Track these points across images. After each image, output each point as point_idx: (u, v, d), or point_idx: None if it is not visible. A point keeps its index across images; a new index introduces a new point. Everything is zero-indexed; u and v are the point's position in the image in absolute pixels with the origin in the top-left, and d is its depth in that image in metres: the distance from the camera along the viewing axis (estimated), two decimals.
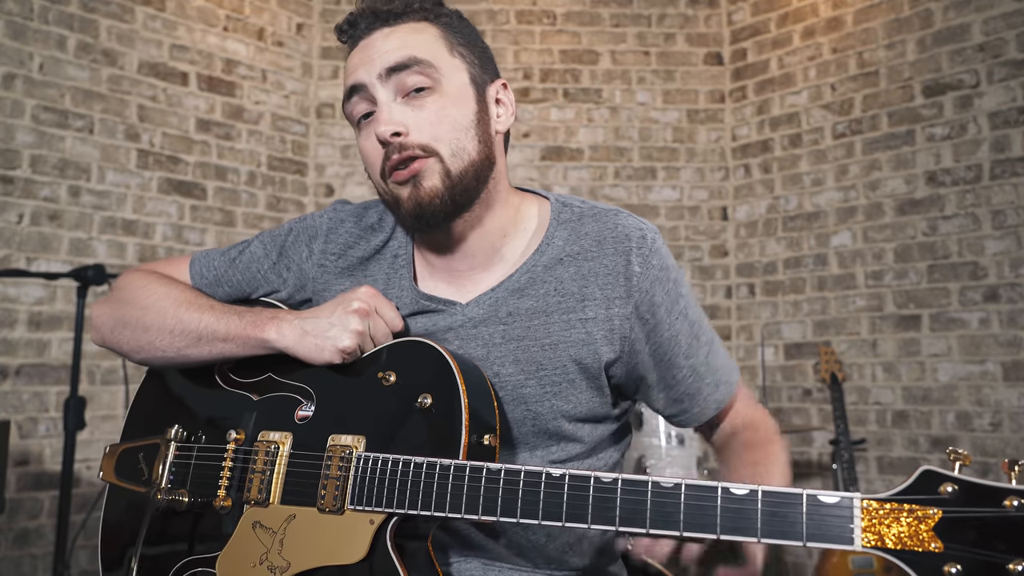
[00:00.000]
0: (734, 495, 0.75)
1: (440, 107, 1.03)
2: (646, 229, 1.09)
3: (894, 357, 3.55)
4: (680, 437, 3.00)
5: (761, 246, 4.04)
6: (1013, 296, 3.28)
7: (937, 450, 3.42)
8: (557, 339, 1.05)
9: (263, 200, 3.86)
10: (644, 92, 4.18)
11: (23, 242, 3.11)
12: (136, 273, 1.24)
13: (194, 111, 3.65)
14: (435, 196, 1.02)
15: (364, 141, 1.07)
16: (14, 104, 3.12)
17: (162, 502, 1.04)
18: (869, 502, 0.71)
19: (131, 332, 1.16)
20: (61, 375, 3.16)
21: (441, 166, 1.02)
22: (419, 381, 0.96)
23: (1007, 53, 3.34)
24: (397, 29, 1.06)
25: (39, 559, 3.04)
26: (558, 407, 1.05)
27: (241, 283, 1.22)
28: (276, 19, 3.98)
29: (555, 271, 1.08)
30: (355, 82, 1.05)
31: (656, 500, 0.78)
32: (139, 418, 1.20)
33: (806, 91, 3.93)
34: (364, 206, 1.22)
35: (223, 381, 1.14)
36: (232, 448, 1.05)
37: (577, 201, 1.15)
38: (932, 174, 3.51)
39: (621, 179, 4.13)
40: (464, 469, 0.88)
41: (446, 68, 1.05)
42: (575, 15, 4.21)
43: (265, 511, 0.99)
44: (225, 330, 1.09)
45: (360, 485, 0.93)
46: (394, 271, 1.15)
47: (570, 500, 0.82)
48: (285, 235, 1.22)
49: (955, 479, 0.70)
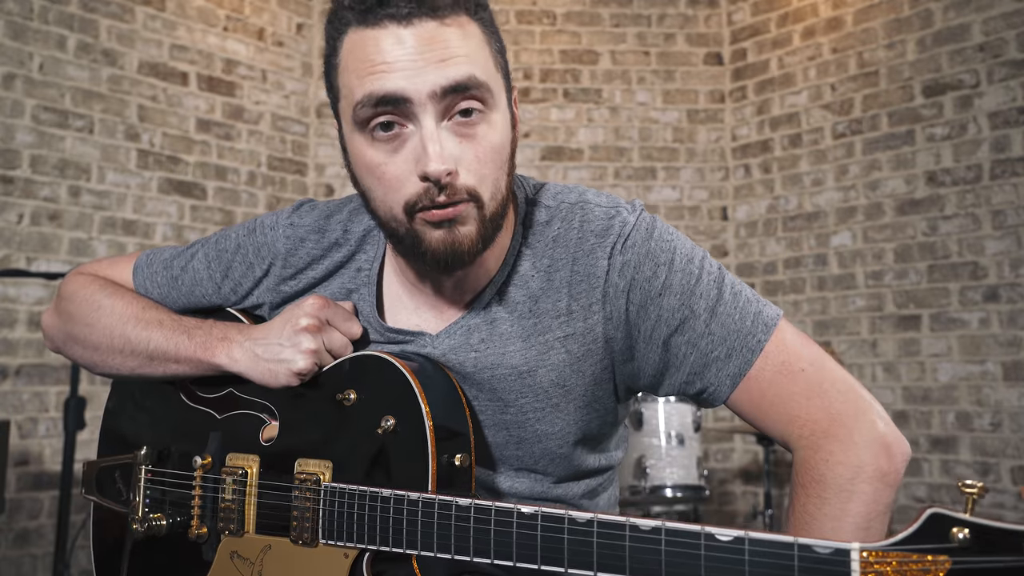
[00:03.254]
0: (719, 542, 0.69)
1: (489, 142, 0.88)
2: (615, 216, 0.96)
3: (894, 357, 3.55)
4: (680, 437, 3.00)
5: (761, 246, 4.04)
6: (1013, 296, 3.28)
7: (937, 450, 3.42)
8: (535, 364, 0.96)
9: (263, 200, 3.86)
10: (644, 92, 4.18)
11: (23, 242, 3.11)
12: (79, 279, 1.15)
13: (194, 111, 3.65)
14: (471, 243, 0.89)
15: (384, 160, 0.88)
16: (14, 104, 3.12)
17: (140, 532, 1.02)
18: (869, 552, 0.64)
19: (81, 349, 1.11)
20: (61, 375, 3.16)
21: (479, 212, 0.88)
22: (380, 400, 0.91)
23: (1007, 53, 3.34)
24: (446, 28, 0.85)
25: (39, 559, 3.04)
26: (542, 431, 0.98)
27: (185, 305, 1.13)
28: (276, 19, 3.98)
29: (527, 288, 0.98)
30: (395, 92, 0.84)
31: (635, 545, 0.72)
32: (111, 432, 1.17)
33: (806, 91, 3.93)
34: (326, 214, 1.09)
35: (187, 396, 1.10)
36: (200, 476, 1.02)
37: (549, 196, 1.02)
38: (932, 174, 3.51)
39: (621, 179, 4.13)
40: (432, 505, 0.83)
41: (495, 87, 0.90)
42: (575, 15, 4.21)
43: (240, 541, 0.97)
44: (175, 351, 1.03)
45: (329, 519, 0.89)
46: (355, 287, 1.05)
47: (544, 541, 0.76)
48: (232, 253, 1.10)
49: (967, 523, 0.61)
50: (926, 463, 3.44)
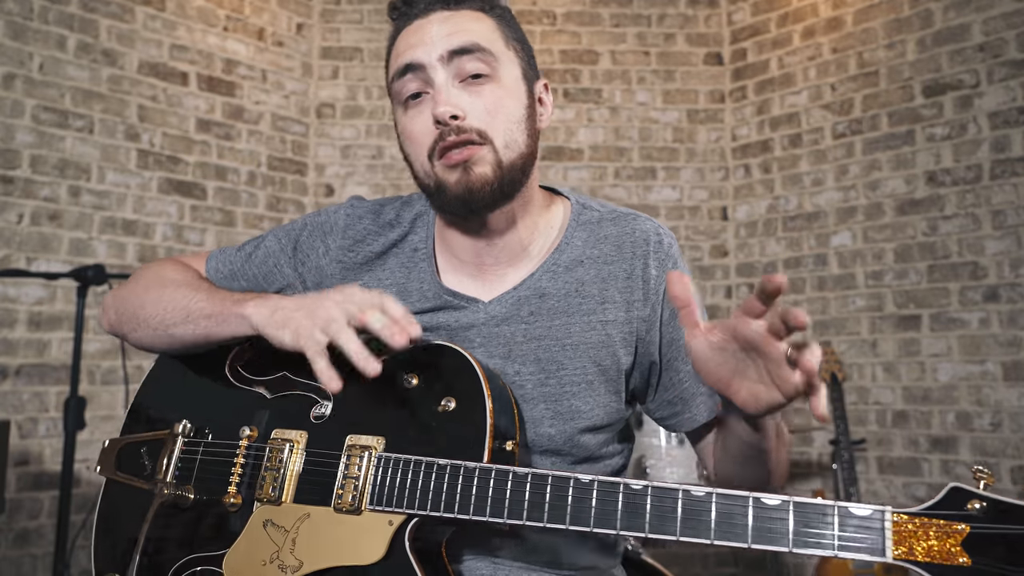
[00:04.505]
0: (766, 505, 0.76)
1: (497, 96, 1.03)
2: (663, 234, 1.12)
3: (894, 357, 3.55)
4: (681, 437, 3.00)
5: (761, 246, 4.04)
6: (1013, 296, 3.28)
7: (937, 450, 3.42)
8: (578, 340, 1.06)
9: (263, 200, 3.86)
10: (644, 92, 4.18)
11: (23, 242, 3.11)
12: (156, 261, 1.25)
13: (194, 111, 3.65)
14: (485, 183, 1.02)
15: (410, 121, 1.06)
16: (14, 104, 3.11)
17: (168, 496, 1.02)
18: (899, 515, 0.73)
19: (130, 308, 1.15)
20: (61, 375, 3.16)
21: (494, 156, 1.02)
22: (442, 385, 0.95)
23: (1007, 53, 3.34)
24: (456, 15, 1.06)
25: (39, 559, 3.04)
26: (576, 407, 1.05)
27: (257, 276, 1.20)
28: (276, 19, 3.98)
29: (575, 272, 1.09)
30: (412, 61, 1.04)
31: (687, 508, 0.79)
32: (142, 413, 1.18)
33: (806, 91, 3.93)
34: (380, 203, 1.21)
35: (234, 377, 1.11)
36: (245, 444, 1.03)
37: (596, 204, 1.16)
38: (932, 174, 3.52)
39: (621, 179, 4.13)
40: (489, 472, 0.88)
41: (503, 59, 1.06)
42: (575, 15, 4.21)
43: (277, 509, 0.98)
44: (211, 308, 1.06)
45: (380, 485, 0.92)
46: (414, 264, 1.14)
47: (599, 506, 0.82)
48: (300, 229, 1.21)
49: (983, 496, 0.71)
50: (926, 463, 3.44)
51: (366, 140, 4.09)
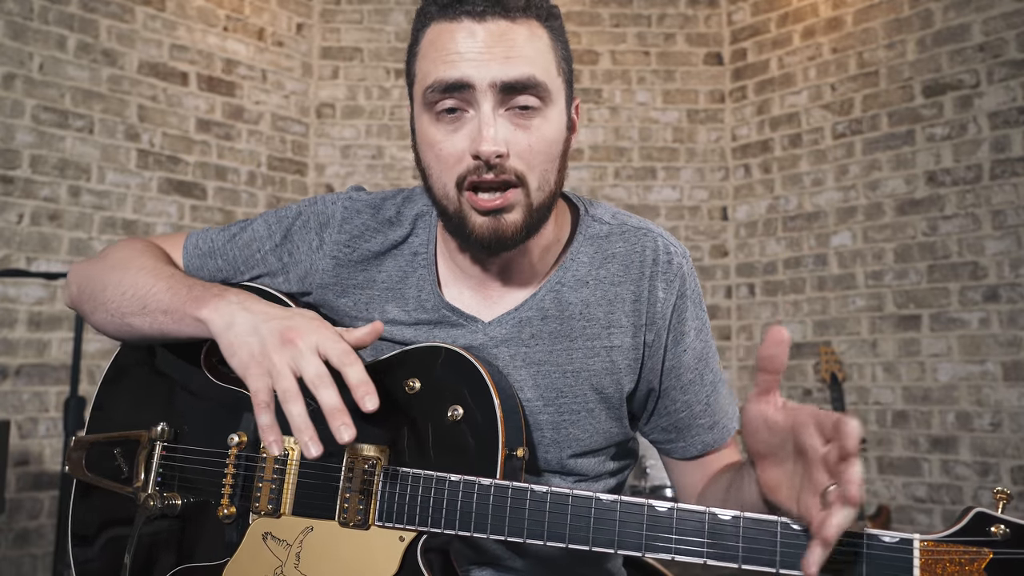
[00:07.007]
0: (793, 530, 0.76)
1: (541, 134, 0.95)
2: (673, 252, 1.06)
3: (894, 357, 3.55)
4: None
5: (761, 246, 4.04)
6: (1013, 296, 3.28)
7: (937, 450, 3.42)
8: (579, 367, 1.01)
9: (263, 200, 3.86)
10: (644, 92, 4.18)
11: (23, 242, 3.11)
12: (130, 239, 1.16)
13: (194, 111, 3.65)
14: (516, 231, 0.95)
15: (441, 135, 0.95)
16: (14, 104, 3.12)
17: (153, 508, 0.97)
18: (926, 542, 0.74)
19: (90, 287, 1.08)
20: (61, 375, 3.16)
21: (526, 199, 0.95)
22: (446, 390, 0.91)
23: (1007, 53, 3.34)
24: (514, 28, 0.93)
25: (39, 559, 3.04)
26: (573, 435, 1.02)
27: (236, 259, 1.11)
28: (276, 19, 3.98)
29: (580, 293, 1.03)
30: (461, 79, 0.91)
31: (713, 531, 0.78)
32: (110, 408, 1.09)
33: (806, 91, 3.93)
34: (380, 197, 1.13)
35: (212, 374, 1.03)
36: (235, 453, 0.97)
37: (608, 214, 1.09)
38: (932, 174, 3.51)
39: (621, 179, 4.13)
40: (506, 490, 0.84)
41: (554, 89, 0.96)
42: (575, 15, 4.21)
43: (276, 522, 0.94)
44: (168, 301, 0.98)
45: (388, 501, 0.89)
46: (413, 269, 1.07)
47: (622, 527, 0.81)
48: (294, 218, 1.11)
49: (1006, 521, 0.72)
50: (926, 463, 3.44)
51: (366, 140, 4.09)
